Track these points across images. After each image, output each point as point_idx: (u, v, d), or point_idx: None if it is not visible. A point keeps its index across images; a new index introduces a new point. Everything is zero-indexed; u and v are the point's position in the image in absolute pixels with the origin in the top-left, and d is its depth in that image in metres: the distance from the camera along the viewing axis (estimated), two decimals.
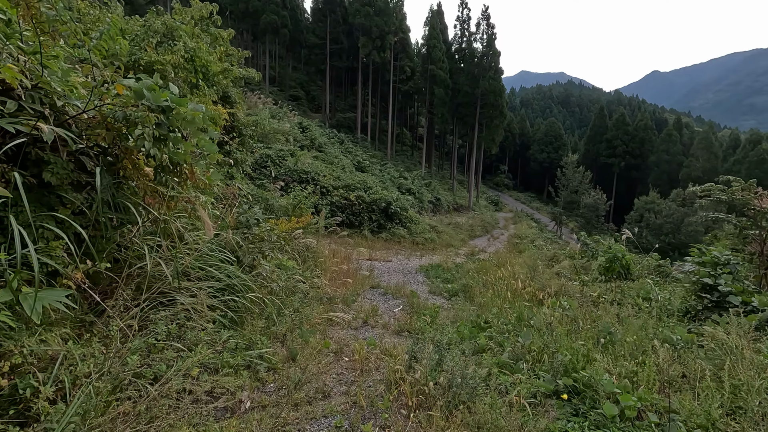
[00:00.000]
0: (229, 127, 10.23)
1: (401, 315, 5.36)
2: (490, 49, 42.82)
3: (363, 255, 12.20)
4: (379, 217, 16.34)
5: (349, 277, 7.81)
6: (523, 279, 8.11)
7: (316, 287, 5.88)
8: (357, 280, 7.79)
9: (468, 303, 6.28)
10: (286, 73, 63.48)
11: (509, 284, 7.05)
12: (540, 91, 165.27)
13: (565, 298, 5.23)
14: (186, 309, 3.24)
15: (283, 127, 21.72)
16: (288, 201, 8.20)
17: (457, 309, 5.66)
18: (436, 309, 4.98)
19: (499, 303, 5.80)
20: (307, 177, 16.05)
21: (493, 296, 6.20)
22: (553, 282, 7.18)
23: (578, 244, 19.17)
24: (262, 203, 8.84)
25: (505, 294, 6.17)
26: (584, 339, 3.38)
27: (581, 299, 6.53)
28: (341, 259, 10.10)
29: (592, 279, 8.91)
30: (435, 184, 41.57)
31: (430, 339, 3.81)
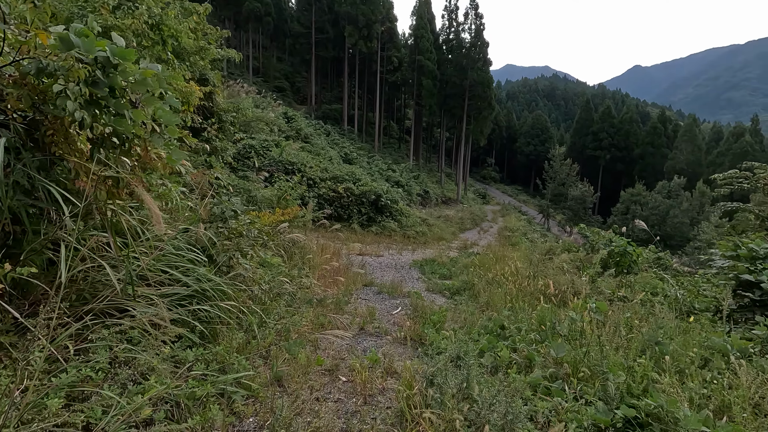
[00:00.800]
0: (207, 112, 9.43)
1: (402, 318, 4.76)
2: (478, 40, 42.23)
3: (353, 250, 11.57)
4: (368, 210, 15.70)
5: (341, 274, 7.18)
6: (527, 274, 7.60)
7: (304, 288, 5.23)
8: (349, 278, 7.16)
9: (472, 302, 5.71)
10: (270, 64, 61.85)
11: (515, 281, 6.52)
12: (526, 85, 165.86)
13: (593, 298, 4.70)
14: (143, 322, 2.56)
15: (267, 116, 20.84)
16: (272, 192, 7.51)
17: (462, 310, 5.08)
18: (443, 313, 4.38)
19: (508, 302, 5.25)
20: (293, 168, 15.28)
21: (501, 294, 5.65)
22: (561, 278, 6.67)
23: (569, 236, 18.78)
24: (244, 195, 8.11)
25: (513, 292, 5.62)
26: (629, 350, 2.83)
27: (599, 298, 6.03)
28: (331, 255, 9.45)
29: (595, 273, 8.46)
30: (423, 177, 41.05)
31: (441, 351, 3.21)
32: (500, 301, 5.35)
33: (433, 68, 42.58)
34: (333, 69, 61.74)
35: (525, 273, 7.97)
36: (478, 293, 6.23)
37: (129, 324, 2.48)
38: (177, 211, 3.63)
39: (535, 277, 7.06)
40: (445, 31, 46.70)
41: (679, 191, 38.07)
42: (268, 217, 5.03)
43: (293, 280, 5.08)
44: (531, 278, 6.65)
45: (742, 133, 44.28)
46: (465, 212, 32.92)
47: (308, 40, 48.84)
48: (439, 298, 6.49)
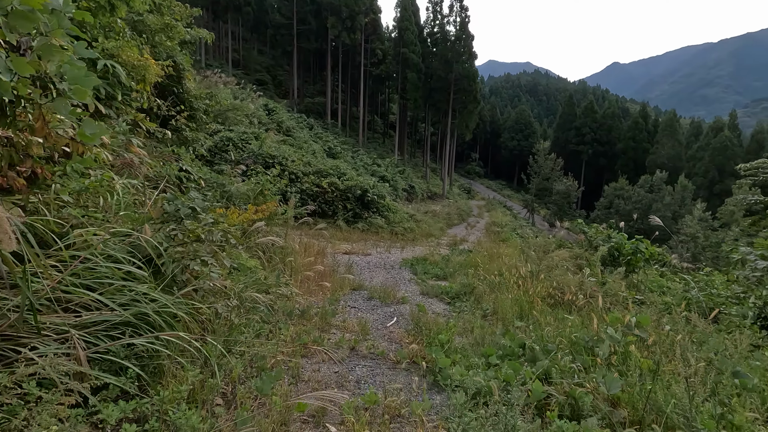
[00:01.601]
0: (176, 98, 8.53)
1: (399, 333, 4.07)
2: (463, 33, 41.65)
3: (339, 248, 10.84)
4: (354, 206, 14.96)
5: (326, 278, 6.46)
6: (529, 274, 7.03)
7: (284, 297, 4.50)
8: (335, 282, 6.45)
9: (476, 309, 5.07)
10: (250, 56, 60.10)
11: (518, 282, 5.91)
12: (508, 80, 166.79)
13: (634, 311, 4.10)
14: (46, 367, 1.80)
15: (246, 107, 19.81)
16: (249, 187, 6.72)
17: (467, 320, 4.42)
18: (450, 329, 3.70)
19: (517, 309, 4.63)
20: (274, 162, 14.39)
21: (507, 299, 5.02)
22: (568, 279, 6.09)
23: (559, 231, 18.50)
24: (217, 190, 7.28)
25: (521, 297, 5.00)
26: (702, 383, 2.22)
27: (607, 299, 5.48)
28: (314, 255, 8.71)
29: (600, 272, 7.97)
30: (409, 172, 40.43)
31: (458, 384, 2.53)
32: (508, 307, 4.72)
33: (417, 61, 41.86)
34: (316, 62, 60.35)
35: (526, 272, 7.39)
36: (480, 297, 5.59)
37: (23, 372, 1.72)
38: (116, 208, 2.85)
39: (537, 277, 6.49)
40: (430, 24, 45.98)
41: (661, 185, 38.43)
42: (237, 216, 4.26)
43: (270, 288, 4.34)
44: (534, 279, 6.06)
45: (721, 128, 45.08)
46: (452, 207, 32.46)
47: (290, 31, 47.47)
48: (436, 303, 5.83)
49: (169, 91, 8.54)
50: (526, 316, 4.46)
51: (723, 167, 41.55)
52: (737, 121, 48.31)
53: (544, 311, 4.51)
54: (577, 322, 3.75)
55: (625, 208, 40.48)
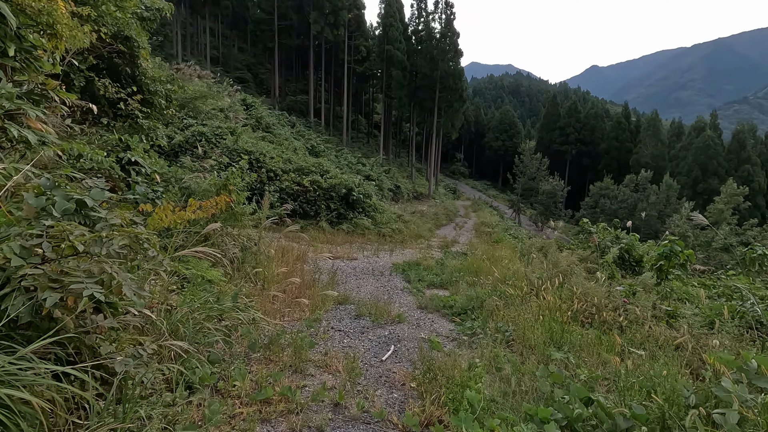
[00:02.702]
0: (129, 79, 7.31)
1: (400, 373, 3.03)
2: (448, 30, 40.94)
3: (322, 252, 9.74)
4: (338, 206, 13.86)
5: (306, 289, 5.37)
6: (540, 281, 6.10)
7: (247, 323, 3.40)
8: (316, 294, 5.37)
9: (493, 332, 4.06)
10: (230, 54, 58.23)
11: (535, 294, 4.95)
12: (491, 81, 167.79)
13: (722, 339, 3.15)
14: None
15: (222, 101, 18.51)
16: (211, 182, 5.60)
17: (487, 353, 3.40)
18: (478, 375, 2.66)
19: (546, 331, 3.64)
20: (250, 159, 13.19)
21: (530, 318, 4.04)
22: (592, 290, 5.16)
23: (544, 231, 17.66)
24: (176, 185, 6.12)
25: (545, 314, 4.03)
26: None
27: (644, 311, 4.55)
28: (293, 261, 7.61)
29: (607, 276, 7.11)
30: (394, 172, 39.49)
31: None
32: (533, 329, 3.73)
33: (402, 58, 40.95)
34: (298, 60, 58.87)
35: (537, 280, 6.45)
36: (492, 313, 4.59)
37: None
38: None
39: (551, 285, 5.55)
40: (415, 21, 45.15)
41: (646, 185, 38.43)
42: (165, 214, 3.15)
43: (224, 314, 3.24)
44: (550, 288, 5.10)
45: (703, 128, 45.57)
46: (439, 208, 31.63)
47: (270, 27, 45.97)
48: (439, 320, 4.81)
49: (121, 72, 7.32)
50: (561, 342, 3.47)
51: (706, 166, 41.92)
52: (718, 121, 49.00)
53: (583, 337, 3.53)
54: (644, 357, 2.79)
55: (611, 207, 40.39)
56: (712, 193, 39.71)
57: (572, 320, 4.01)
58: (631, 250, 8.79)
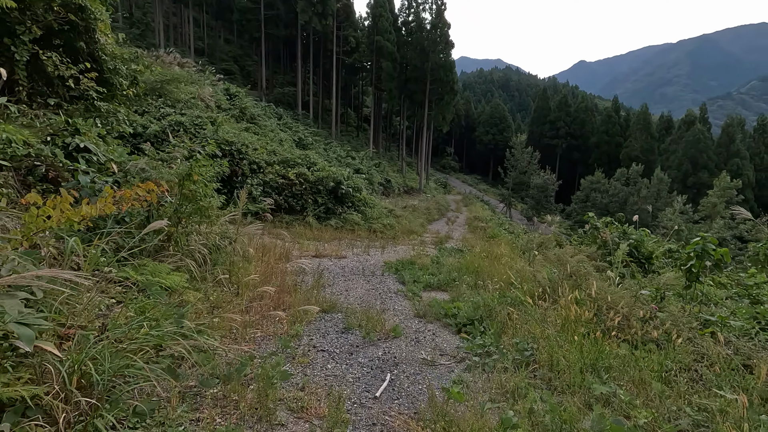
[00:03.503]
0: (85, 54, 6.42)
1: (400, 421, 2.31)
2: (439, 20, 40.08)
3: (307, 250, 8.99)
4: (326, 200, 13.07)
5: (283, 299, 4.63)
6: (551, 284, 5.45)
7: (199, 350, 2.65)
8: (297, 302, 4.63)
9: (509, 350, 3.35)
10: (216, 45, 56.49)
11: (549, 299, 4.27)
12: (481, 75, 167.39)
13: None
14: None
15: (203, 89, 17.52)
16: (175, 171, 4.80)
17: (507, 381, 2.69)
18: (510, 425, 1.96)
19: (581, 353, 2.96)
20: (231, 149, 12.31)
21: (552, 332, 3.35)
22: (615, 294, 4.50)
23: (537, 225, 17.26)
24: (136, 175, 5.29)
25: (571, 327, 3.34)
26: None
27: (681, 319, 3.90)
28: (275, 261, 6.85)
29: (617, 274, 6.50)
30: (384, 165, 38.73)
31: None
32: (560, 348, 3.05)
33: (392, 50, 40.02)
34: (286, 51, 57.44)
35: (545, 280, 5.80)
36: (503, 325, 3.90)
37: None
38: None
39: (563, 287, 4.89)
40: (405, 12, 44.19)
41: (637, 178, 38.29)
42: (62, 211, 2.34)
43: (165, 343, 2.47)
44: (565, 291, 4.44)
45: (693, 121, 45.61)
46: (430, 202, 30.98)
47: (256, 16, 44.57)
48: (442, 332, 4.10)
49: (78, 49, 6.42)
50: (596, 365, 2.79)
51: (696, 160, 41.97)
52: (707, 115, 49.16)
53: (624, 359, 2.85)
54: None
55: (602, 201, 40.23)
56: (702, 186, 39.74)
57: (603, 334, 3.34)
58: (640, 246, 8.19)
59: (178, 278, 4.29)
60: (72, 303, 2.55)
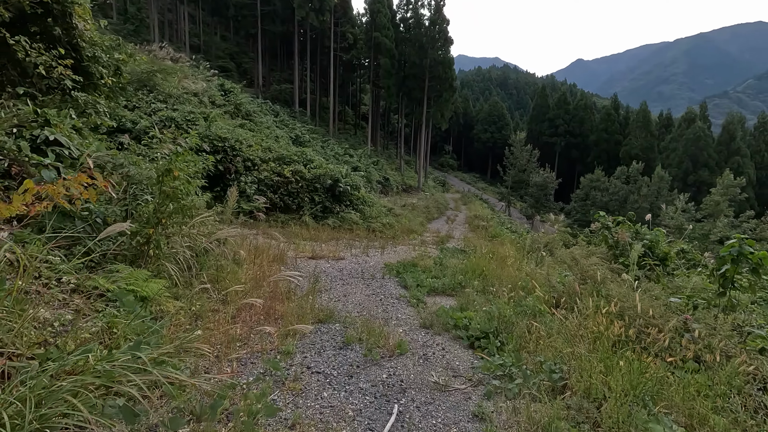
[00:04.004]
0: (65, 41, 5.93)
1: None
2: (438, 16, 39.57)
3: (303, 251, 8.53)
4: (323, 199, 12.61)
5: (275, 308, 4.17)
6: (566, 288, 5.05)
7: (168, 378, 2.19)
8: (289, 311, 4.19)
9: (532, 371, 2.91)
10: (212, 42, 55.77)
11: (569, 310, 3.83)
12: (479, 73, 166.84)
13: None
14: None
15: (196, 86, 17.02)
16: (155, 166, 4.33)
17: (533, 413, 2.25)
18: None
19: (626, 382, 2.51)
20: (225, 146, 11.82)
21: (583, 351, 2.91)
22: (644, 303, 4.06)
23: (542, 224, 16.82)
24: (116, 172, 4.82)
25: (605, 346, 2.90)
26: None
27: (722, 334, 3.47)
28: (268, 264, 6.39)
29: (634, 277, 6.08)
30: (383, 163, 38.25)
31: None
32: (596, 369, 2.61)
33: (391, 46, 39.49)
34: (283, 48, 56.80)
35: (559, 285, 5.39)
36: (522, 339, 3.46)
37: None
38: None
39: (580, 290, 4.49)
40: (403, 8, 43.66)
41: (637, 176, 37.93)
42: None
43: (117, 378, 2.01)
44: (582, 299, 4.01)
45: (693, 119, 45.31)
46: (429, 200, 30.56)
47: (253, 12, 43.97)
48: (452, 347, 3.66)
49: (56, 37, 5.93)
50: (641, 391, 2.35)
51: (696, 158, 41.66)
52: (707, 113, 48.88)
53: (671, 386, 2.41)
54: None
55: (602, 199, 39.88)
56: (702, 184, 39.43)
57: (641, 352, 2.90)
58: (654, 246, 7.78)
59: (157, 286, 3.83)
60: (14, 321, 2.09)
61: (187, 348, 2.51)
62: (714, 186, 31.41)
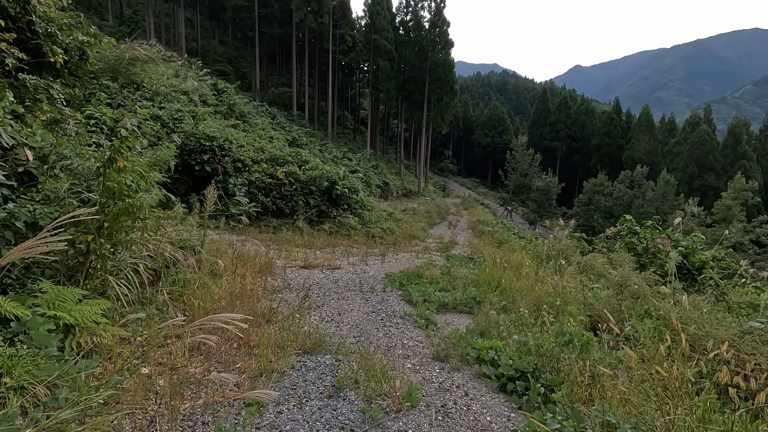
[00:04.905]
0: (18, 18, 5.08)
1: None
2: (438, 18, 38.95)
3: (295, 259, 7.64)
4: (319, 202, 11.73)
5: (251, 335, 3.29)
6: (604, 306, 4.21)
7: None
8: (267, 339, 3.30)
9: None
10: (210, 46, 55.23)
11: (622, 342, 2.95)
12: (478, 79, 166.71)
13: None
14: None
15: (186, 84, 16.21)
16: (97, 155, 3.48)
17: None
18: None
19: None
20: (213, 145, 10.96)
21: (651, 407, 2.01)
22: (714, 327, 3.19)
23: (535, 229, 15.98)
24: (58, 165, 3.94)
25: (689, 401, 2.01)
26: None
27: None
28: (252, 275, 5.51)
29: (673, 288, 5.23)
30: (382, 167, 37.42)
31: None
32: None
33: (390, 48, 38.83)
34: (282, 52, 56.23)
35: (597, 302, 4.52)
36: (575, 387, 2.57)
37: None
38: None
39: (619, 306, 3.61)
40: (403, 11, 43.08)
41: (642, 181, 37.14)
42: None
43: None
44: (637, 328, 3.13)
45: (698, 123, 44.60)
46: (430, 205, 29.69)
47: (250, 14, 43.34)
48: (478, 394, 2.76)
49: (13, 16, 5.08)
50: None
51: (702, 162, 40.87)
52: (711, 116, 48.26)
53: None
54: None
55: (606, 204, 39.07)
56: (708, 189, 38.65)
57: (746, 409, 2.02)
58: (689, 254, 6.91)
59: (92, 309, 2.93)
60: None
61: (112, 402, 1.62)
62: (720, 190, 30.56)
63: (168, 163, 4.56)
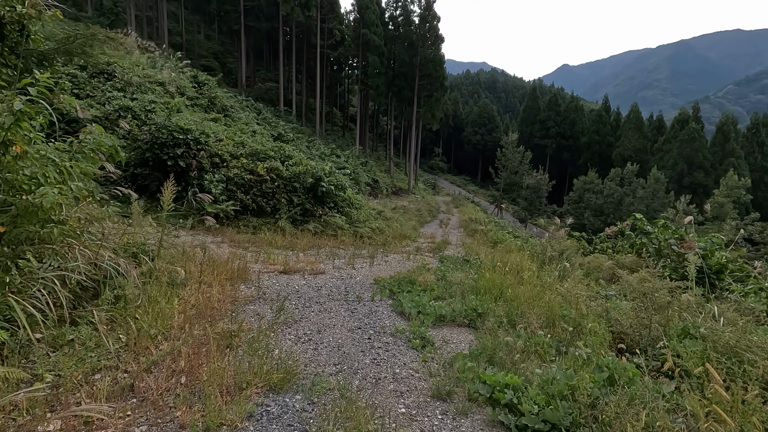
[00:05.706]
0: None
1: None
2: (428, 13, 38.30)
3: (274, 263, 6.87)
4: (303, 200, 10.97)
5: (199, 368, 2.53)
6: (636, 320, 3.58)
7: None
8: (221, 374, 2.55)
9: None
10: (195, 40, 53.66)
11: None
12: (468, 77, 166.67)
13: None
14: None
15: (162, 74, 15.26)
16: None
17: None
18: None
19: None
20: (187, 138, 10.10)
21: None
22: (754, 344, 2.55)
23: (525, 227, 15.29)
24: None
25: None
26: None
27: None
28: (220, 284, 4.78)
29: (693, 295, 4.63)
30: (372, 165, 36.68)
31: None
32: None
33: (379, 43, 38.06)
34: (269, 48, 55.01)
35: (624, 319, 3.88)
36: None
37: None
38: None
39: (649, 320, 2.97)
40: (392, 5, 42.31)
41: (632, 178, 37.03)
42: None
43: None
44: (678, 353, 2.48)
45: (687, 120, 44.75)
46: (420, 203, 29.09)
47: (236, 7, 42.11)
48: None
49: None
50: None
51: (691, 159, 40.96)
52: (700, 114, 48.49)
53: None
54: None
55: (596, 202, 38.90)
56: (698, 186, 38.75)
57: None
58: (707, 257, 6.34)
59: None
60: None
61: None
62: (710, 188, 30.52)
63: (117, 155, 3.79)
